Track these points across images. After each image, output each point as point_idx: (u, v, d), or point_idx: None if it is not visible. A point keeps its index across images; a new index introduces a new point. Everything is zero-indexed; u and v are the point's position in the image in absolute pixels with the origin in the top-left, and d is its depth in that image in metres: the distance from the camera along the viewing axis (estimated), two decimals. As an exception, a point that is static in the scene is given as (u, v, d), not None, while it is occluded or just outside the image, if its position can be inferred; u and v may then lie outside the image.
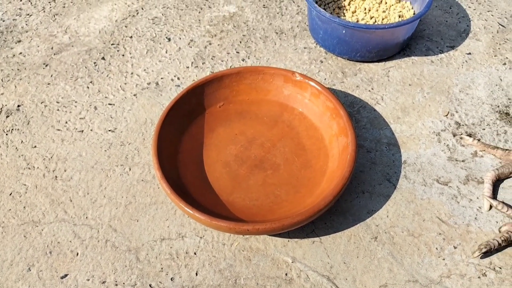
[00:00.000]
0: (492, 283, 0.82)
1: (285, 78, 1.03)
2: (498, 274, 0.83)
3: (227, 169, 0.94)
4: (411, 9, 1.22)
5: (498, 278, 0.83)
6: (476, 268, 0.84)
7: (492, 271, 0.84)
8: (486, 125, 1.05)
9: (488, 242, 0.84)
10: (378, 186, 0.95)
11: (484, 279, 0.83)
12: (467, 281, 0.82)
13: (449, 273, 0.83)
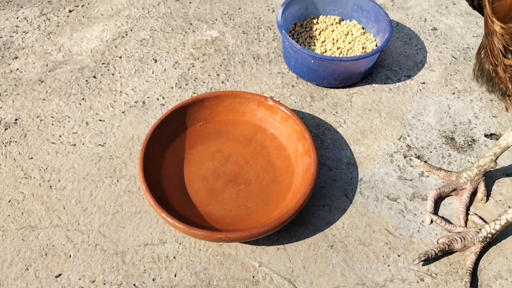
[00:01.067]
0: (429, 287, 0.97)
1: (259, 103, 1.16)
2: (434, 280, 0.98)
3: (205, 183, 1.07)
4: (374, 41, 1.36)
5: (434, 283, 0.97)
6: (415, 274, 0.98)
7: (429, 277, 0.98)
8: (433, 148, 1.20)
9: (426, 251, 0.99)
10: (337, 200, 1.09)
11: (421, 284, 0.97)
12: (407, 285, 0.97)
13: (392, 277, 0.98)
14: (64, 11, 1.51)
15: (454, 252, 1.01)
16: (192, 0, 1.57)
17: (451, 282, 0.97)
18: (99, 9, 1.53)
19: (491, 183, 1.13)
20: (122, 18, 1.50)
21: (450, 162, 1.17)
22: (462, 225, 1.06)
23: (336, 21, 1.41)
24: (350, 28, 1.40)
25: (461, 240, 1.00)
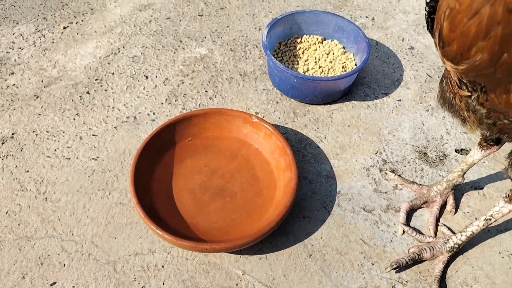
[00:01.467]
0: (399, 293, 1.04)
1: (244, 120, 1.24)
2: (404, 287, 1.05)
3: (192, 196, 1.14)
4: (353, 60, 1.44)
5: (404, 289, 1.05)
6: (387, 282, 1.06)
7: (400, 284, 1.06)
8: (407, 163, 1.28)
9: (398, 260, 1.07)
10: (316, 212, 1.17)
11: (393, 290, 1.05)
12: (379, 291, 1.04)
13: (366, 285, 1.05)
14: (58, 28, 1.57)
15: (424, 261, 1.09)
16: (182, 18, 1.64)
17: (420, 289, 1.05)
18: (92, 26, 1.59)
19: (460, 196, 1.22)
20: (114, 35, 1.56)
21: (423, 176, 1.25)
22: (432, 235, 1.14)
23: (318, 40, 1.49)
24: (331, 48, 1.48)
25: (430, 250, 1.08)
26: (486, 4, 0.56)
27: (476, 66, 0.62)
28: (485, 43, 0.59)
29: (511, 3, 0.55)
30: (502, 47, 0.59)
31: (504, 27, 0.57)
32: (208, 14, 1.66)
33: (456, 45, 0.62)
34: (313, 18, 1.48)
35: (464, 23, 0.59)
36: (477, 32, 0.59)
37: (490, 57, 0.60)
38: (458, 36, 0.61)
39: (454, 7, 0.59)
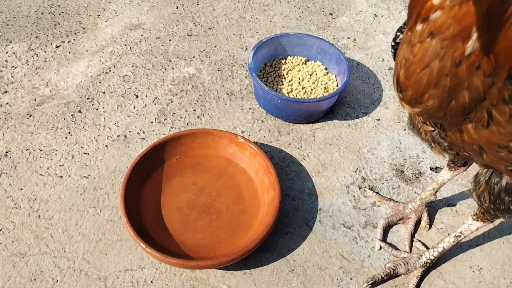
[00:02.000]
0: (375, 306, 1.11)
1: (230, 140, 1.30)
2: (380, 299, 1.12)
3: (180, 213, 1.19)
4: (335, 81, 1.51)
5: (380, 302, 1.11)
6: (364, 295, 1.12)
7: (376, 297, 1.12)
8: (385, 180, 1.35)
9: (374, 275, 1.13)
10: (299, 228, 1.23)
11: (370, 303, 1.11)
12: (357, 304, 1.11)
13: (344, 298, 1.11)
14: (51, 47, 1.62)
15: (399, 276, 1.15)
16: (171, 37, 1.70)
17: (395, 302, 1.12)
18: (84, 45, 1.64)
19: (434, 212, 1.29)
20: (106, 54, 1.61)
21: (399, 193, 1.32)
22: (407, 251, 1.20)
23: (302, 61, 1.56)
24: (314, 68, 1.55)
25: (405, 265, 1.15)
26: (436, 58, 0.63)
27: (428, 110, 0.69)
28: (435, 91, 0.66)
29: (458, 58, 0.62)
30: (450, 95, 0.66)
31: (451, 79, 0.64)
32: (197, 34, 1.72)
33: (411, 91, 0.69)
34: (297, 40, 1.54)
35: (417, 73, 0.66)
36: (428, 81, 0.65)
37: (440, 103, 0.67)
38: (412, 84, 0.67)
39: (409, 59, 0.66)
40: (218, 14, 1.81)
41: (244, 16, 1.81)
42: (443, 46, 0.62)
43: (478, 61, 0.62)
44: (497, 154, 0.74)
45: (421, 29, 0.64)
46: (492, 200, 0.91)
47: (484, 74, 0.64)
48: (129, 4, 1.81)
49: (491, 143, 0.72)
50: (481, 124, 0.70)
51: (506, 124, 0.68)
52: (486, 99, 0.67)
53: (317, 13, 1.85)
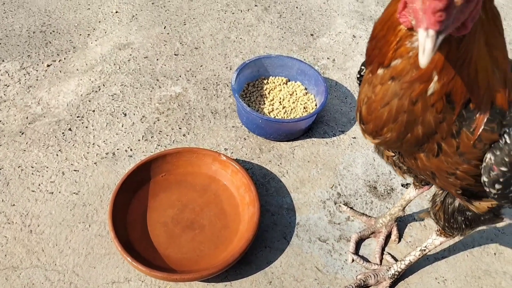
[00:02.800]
0: (347, 315, 1.19)
1: (213, 158, 1.38)
2: (352, 309, 1.20)
3: (165, 228, 1.27)
4: (314, 100, 1.60)
5: (352, 311, 1.20)
6: (337, 305, 1.21)
7: (348, 307, 1.20)
8: (359, 196, 1.43)
9: (346, 286, 1.21)
10: (277, 242, 1.31)
11: (342, 313, 1.19)
12: (330, 314, 1.19)
13: (318, 308, 1.19)
14: (42, 66, 1.69)
15: (369, 287, 1.24)
16: (159, 57, 1.77)
17: (366, 311, 1.20)
18: (74, 64, 1.71)
19: (404, 226, 1.37)
20: (95, 73, 1.68)
21: (372, 208, 1.41)
22: (378, 263, 1.29)
23: (283, 81, 1.65)
24: (295, 88, 1.63)
25: (375, 277, 1.23)
26: (395, 97, 0.72)
27: (387, 141, 0.78)
28: (394, 125, 0.75)
29: (415, 98, 0.71)
30: (406, 129, 0.75)
31: (408, 115, 0.73)
32: (184, 53, 1.80)
33: (372, 125, 0.77)
34: (278, 62, 1.63)
35: (378, 110, 0.75)
36: (388, 117, 0.74)
37: (397, 135, 0.76)
38: (373, 119, 0.76)
39: (371, 97, 0.75)
40: (204, 34, 1.89)
41: (229, 36, 1.89)
42: (402, 87, 0.72)
43: (435, 100, 0.71)
44: (447, 180, 0.83)
45: (382, 73, 0.73)
46: (446, 219, 1.00)
47: (437, 111, 0.73)
48: (118, 24, 1.88)
49: (441, 170, 0.81)
50: (431, 154, 0.79)
51: (453, 155, 0.77)
52: (437, 133, 0.76)
53: (299, 33, 1.94)
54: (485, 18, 0.69)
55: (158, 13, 1.95)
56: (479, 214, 0.96)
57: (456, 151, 0.78)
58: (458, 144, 0.76)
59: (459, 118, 0.75)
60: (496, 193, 0.80)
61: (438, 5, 0.59)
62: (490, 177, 0.77)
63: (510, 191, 0.80)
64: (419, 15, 0.61)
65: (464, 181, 0.81)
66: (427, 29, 0.60)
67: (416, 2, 0.61)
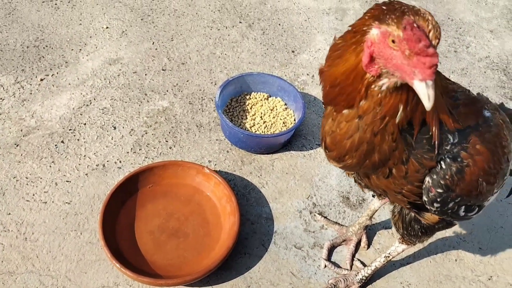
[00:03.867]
0: (319, 316, 1.30)
1: (197, 171, 1.48)
2: (323, 311, 1.31)
3: (152, 237, 1.37)
4: (293, 116, 1.71)
5: (323, 313, 1.31)
6: (310, 307, 1.31)
7: (320, 309, 1.31)
8: (332, 206, 1.55)
9: (318, 290, 1.32)
10: (256, 249, 1.41)
11: (314, 314, 1.30)
12: (303, 315, 1.30)
13: (292, 310, 1.30)
14: (36, 80, 1.77)
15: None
16: (147, 72, 1.87)
17: (336, 313, 1.31)
18: (66, 78, 1.80)
19: (373, 234, 1.49)
20: (87, 88, 1.78)
21: (345, 217, 1.52)
22: (348, 268, 1.40)
23: (264, 97, 1.76)
24: (275, 104, 1.74)
25: (344, 281, 1.34)
26: (358, 131, 0.84)
27: (347, 166, 0.90)
28: (355, 154, 0.87)
29: (376, 130, 0.83)
30: (365, 157, 0.87)
31: (368, 145, 0.85)
32: (171, 68, 1.90)
33: (335, 153, 0.89)
34: (260, 79, 1.74)
35: (342, 142, 0.86)
36: (350, 147, 0.86)
37: (357, 162, 0.88)
38: (337, 148, 0.88)
39: (335, 131, 0.87)
40: (190, 50, 1.99)
41: (214, 52, 2.00)
42: (366, 123, 0.83)
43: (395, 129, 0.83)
44: (395, 197, 0.95)
45: (348, 112, 0.85)
46: (404, 227, 1.12)
47: (392, 139, 0.84)
48: (109, 39, 1.97)
49: (389, 189, 0.94)
50: (382, 176, 0.91)
51: (400, 178, 0.89)
52: (390, 160, 0.88)
53: (281, 50, 2.05)
54: None
55: (147, 29, 2.05)
56: (433, 223, 1.08)
57: (405, 175, 0.89)
58: (407, 170, 0.88)
59: (408, 148, 0.86)
60: (436, 210, 0.92)
61: (431, 61, 0.69)
62: (429, 197, 0.89)
63: (448, 209, 0.92)
64: (407, 69, 0.72)
65: (410, 198, 0.93)
66: (424, 80, 0.70)
67: (396, 59, 0.72)
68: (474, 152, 0.90)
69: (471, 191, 0.93)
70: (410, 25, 0.69)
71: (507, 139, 0.99)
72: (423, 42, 0.68)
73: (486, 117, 0.95)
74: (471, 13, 2.42)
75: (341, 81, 0.85)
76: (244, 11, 2.22)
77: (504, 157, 0.98)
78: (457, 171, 0.89)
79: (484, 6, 2.49)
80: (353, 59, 0.81)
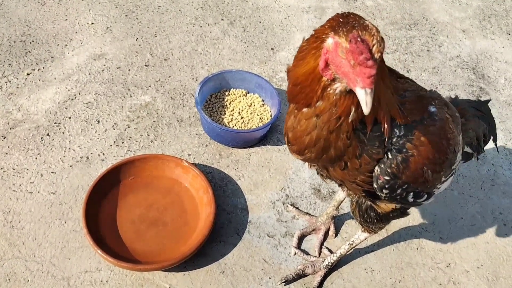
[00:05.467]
0: (287, 300, 1.40)
1: (176, 164, 1.56)
2: (292, 295, 1.42)
3: (132, 225, 1.45)
4: (269, 111, 1.80)
5: (292, 297, 1.41)
6: (279, 291, 1.42)
7: (289, 293, 1.42)
8: (304, 197, 1.64)
9: (287, 275, 1.42)
10: (230, 237, 1.51)
11: (283, 298, 1.41)
12: (273, 299, 1.40)
13: (263, 294, 1.40)
14: (23, 74, 1.84)
15: (307, 275, 1.45)
16: (131, 67, 1.94)
17: (303, 296, 1.41)
18: (52, 73, 1.86)
19: (341, 224, 1.59)
20: (72, 82, 1.84)
21: (315, 208, 1.62)
22: (317, 255, 1.50)
23: (243, 93, 1.84)
24: (253, 100, 1.83)
25: (312, 267, 1.44)
26: (315, 129, 0.93)
27: (307, 158, 1.00)
28: (313, 148, 0.96)
29: (332, 129, 0.92)
30: (323, 151, 0.96)
31: (324, 141, 0.95)
32: (154, 64, 1.97)
33: (296, 147, 0.98)
34: (238, 76, 1.82)
35: (302, 137, 0.96)
36: (309, 143, 0.96)
37: (316, 156, 0.97)
38: (297, 143, 0.98)
39: (296, 127, 0.96)
40: (173, 46, 2.06)
41: (196, 48, 2.07)
42: (323, 121, 0.93)
43: (349, 127, 0.92)
44: (351, 185, 1.06)
45: (307, 111, 0.95)
46: (361, 215, 1.22)
47: (347, 137, 0.94)
48: (94, 35, 2.04)
49: (345, 179, 1.04)
50: (339, 168, 1.01)
51: (354, 170, 0.99)
52: (345, 155, 0.97)
53: (261, 47, 2.13)
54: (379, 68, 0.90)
55: (131, 25, 2.11)
56: (387, 211, 1.19)
57: (359, 167, 0.99)
58: (360, 163, 0.98)
59: (361, 144, 0.96)
60: (386, 196, 1.02)
61: (370, 72, 0.78)
62: (378, 184, 1.00)
63: (397, 195, 1.03)
64: (351, 77, 0.81)
65: (364, 186, 1.04)
66: (364, 88, 0.79)
67: (344, 67, 0.81)
68: (418, 143, 1.00)
69: (417, 178, 1.03)
70: (355, 39, 0.78)
71: (453, 132, 1.09)
72: (364, 55, 0.77)
73: (431, 112, 1.05)
74: (446, 13, 2.52)
75: (301, 81, 0.94)
76: (226, 8, 2.29)
77: (450, 148, 1.08)
78: (402, 160, 0.99)
79: (458, 6, 2.59)
80: (312, 62, 0.90)
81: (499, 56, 2.30)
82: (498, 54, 2.32)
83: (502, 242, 1.62)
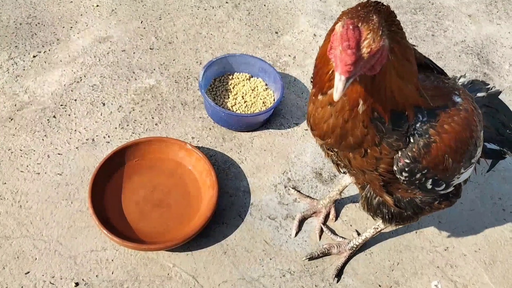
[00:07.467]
0: (287, 280, 1.44)
1: (180, 147, 1.59)
2: (291, 275, 1.45)
3: (137, 206, 1.49)
4: (273, 96, 1.81)
5: (291, 277, 1.45)
6: (280, 272, 1.45)
7: (289, 273, 1.45)
8: (306, 181, 1.67)
9: (312, 252, 1.47)
10: (233, 219, 1.54)
11: (283, 278, 1.44)
12: (273, 279, 1.43)
13: (264, 274, 1.44)
14: (29, 56, 1.85)
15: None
16: (135, 50, 1.95)
17: (303, 277, 1.45)
18: (58, 55, 1.88)
19: (341, 207, 1.62)
20: (77, 65, 1.86)
21: (316, 192, 1.65)
22: (318, 238, 1.53)
23: (246, 77, 1.85)
24: (256, 84, 1.84)
25: (337, 247, 1.49)
26: (331, 118, 0.96)
27: (328, 144, 1.04)
28: (332, 135, 1.00)
29: (346, 118, 0.95)
30: (341, 138, 1.00)
31: (341, 130, 0.98)
32: (158, 47, 1.98)
33: (317, 132, 1.03)
34: (242, 60, 1.83)
35: (320, 124, 0.99)
36: (327, 130, 1.00)
37: (335, 141, 1.01)
38: (318, 129, 1.02)
39: (315, 115, 1.00)
40: (177, 29, 2.07)
41: (200, 31, 2.08)
42: (336, 110, 0.95)
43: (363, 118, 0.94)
44: (371, 174, 1.08)
45: (322, 99, 0.98)
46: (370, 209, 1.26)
47: (363, 126, 0.96)
48: (99, 18, 2.04)
49: (364, 167, 1.06)
50: (359, 155, 1.03)
51: (372, 158, 1.02)
52: (364, 143, 1.00)
53: (265, 31, 2.13)
54: (394, 58, 0.90)
55: (136, 8, 2.12)
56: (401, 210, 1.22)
57: (379, 155, 1.02)
58: (380, 151, 1.01)
59: (380, 133, 0.98)
60: (405, 179, 1.05)
61: (347, 60, 0.79)
62: (398, 166, 1.03)
63: (416, 179, 1.06)
64: (336, 61, 0.82)
65: (385, 176, 1.06)
66: (340, 74, 0.81)
67: (335, 50, 0.82)
68: (441, 130, 1.03)
69: (437, 164, 1.06)
70: (347, 26, 0.79)
71: (476, 125, 1.11)
72: (348, 43, 0.78)
73: (456, 101, 1.07)
74: (452, -3, 2.50)
75: (318, 62, 0.99)
76: (231, -9, 2.29)
77: (472, 140, 1.10)
78: (424, 145, 1.02)
79: (465, -10, 2.56)
80: (326, 44, 0.92)
81: (504, 42, 2.29)
82: (504, 39, 2.30)
83: (500, 227, 1.65)
